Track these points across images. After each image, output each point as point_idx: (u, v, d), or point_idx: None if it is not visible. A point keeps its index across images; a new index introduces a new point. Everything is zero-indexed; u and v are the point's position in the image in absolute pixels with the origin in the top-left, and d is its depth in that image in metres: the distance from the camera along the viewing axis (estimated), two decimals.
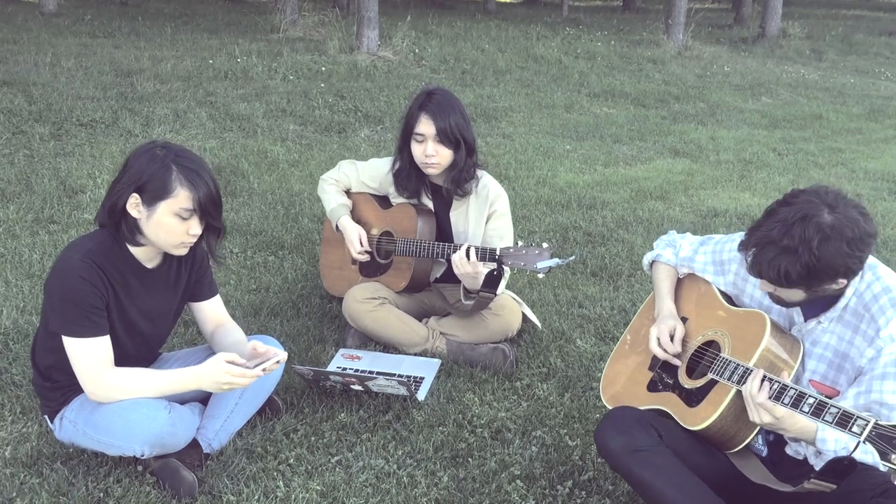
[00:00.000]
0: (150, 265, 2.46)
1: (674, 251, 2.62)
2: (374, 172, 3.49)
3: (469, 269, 3.01)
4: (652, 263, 2.69)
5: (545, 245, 2.90)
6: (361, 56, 10.03)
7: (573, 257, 3.05)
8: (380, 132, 7.29)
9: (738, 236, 2.46)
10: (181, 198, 2.28)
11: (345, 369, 3.14)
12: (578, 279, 4.08)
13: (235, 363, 2.33)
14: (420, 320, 3.39)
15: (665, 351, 2.38)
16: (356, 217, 3.52)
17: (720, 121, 8.79)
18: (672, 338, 2.41)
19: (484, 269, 3.03)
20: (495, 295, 3.10)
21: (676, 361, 2.38)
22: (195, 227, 2.34)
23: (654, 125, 8.36)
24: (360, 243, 3.41)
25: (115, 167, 5.55)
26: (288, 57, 9.64)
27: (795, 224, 1.97)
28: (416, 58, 10.60)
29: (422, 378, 3.08)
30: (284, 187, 5.42)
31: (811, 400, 1.92)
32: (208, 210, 2.33)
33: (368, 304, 3.28)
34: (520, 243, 2.95)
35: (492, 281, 3.03)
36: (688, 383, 2.31)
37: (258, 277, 3.98)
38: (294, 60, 9.53)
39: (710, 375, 2.24)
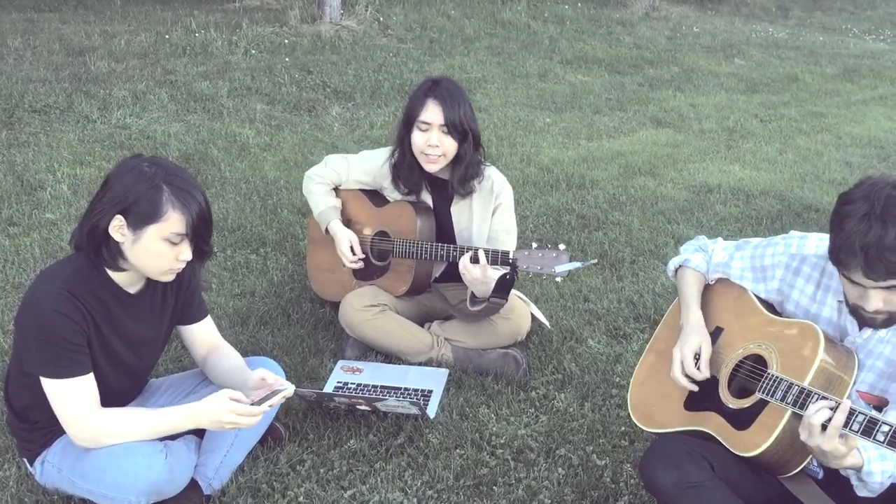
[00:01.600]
0: (132, 290, 2.22)
1: (704, 256, 2.42)
2: (368, 166, 3.23)
3: (478, 274, 2.78)
4: (678, 269, 2.49)
5: (562, 247, 2.68)
6: (324, 26, 9.62)
7: (594, 261, 2.83)
8: (351, 109, 6.98)
9: (781, 240, 2.28)
10: (172, 221, 2.03)
11: (347, 384, 2.92)
12: (581, 269, 3.88)
13: (240, 401, 2.10)
14: (421, 325, 3.17)
15: (691, 379, 2.18)
16: (347, 216, 3.27)
17: (697, 86, 8.61)
18: (698, 359, 2.21)
19: (494, 273, 2.80)
20: (506, 301, 2.89)
21: (715, 375, 2.19)
22: (185, 253, 2.10)
23: (631, 93, 8.15)
24: (353, 252, 3.16)
25: (74, 158, 5.19)
26: (248, 29, 9.19)
27: (887, 209, 1.79)
28: (381, 27, 10.22)
29: (430, 391, 2.88)
30: (258, 175, 5.11)
31: (885, 428, 1.75)
32: (200, 234, 2.08)
33: (368, 312, 3.05)
34: (534, 245, 2.72)
35: (503, 286, 2.81)
36: (732, 402, 2.13)
37: (241, 280, 3.72)
38: (255, 33, 9.09)
39: (758, 395, 2.06)
